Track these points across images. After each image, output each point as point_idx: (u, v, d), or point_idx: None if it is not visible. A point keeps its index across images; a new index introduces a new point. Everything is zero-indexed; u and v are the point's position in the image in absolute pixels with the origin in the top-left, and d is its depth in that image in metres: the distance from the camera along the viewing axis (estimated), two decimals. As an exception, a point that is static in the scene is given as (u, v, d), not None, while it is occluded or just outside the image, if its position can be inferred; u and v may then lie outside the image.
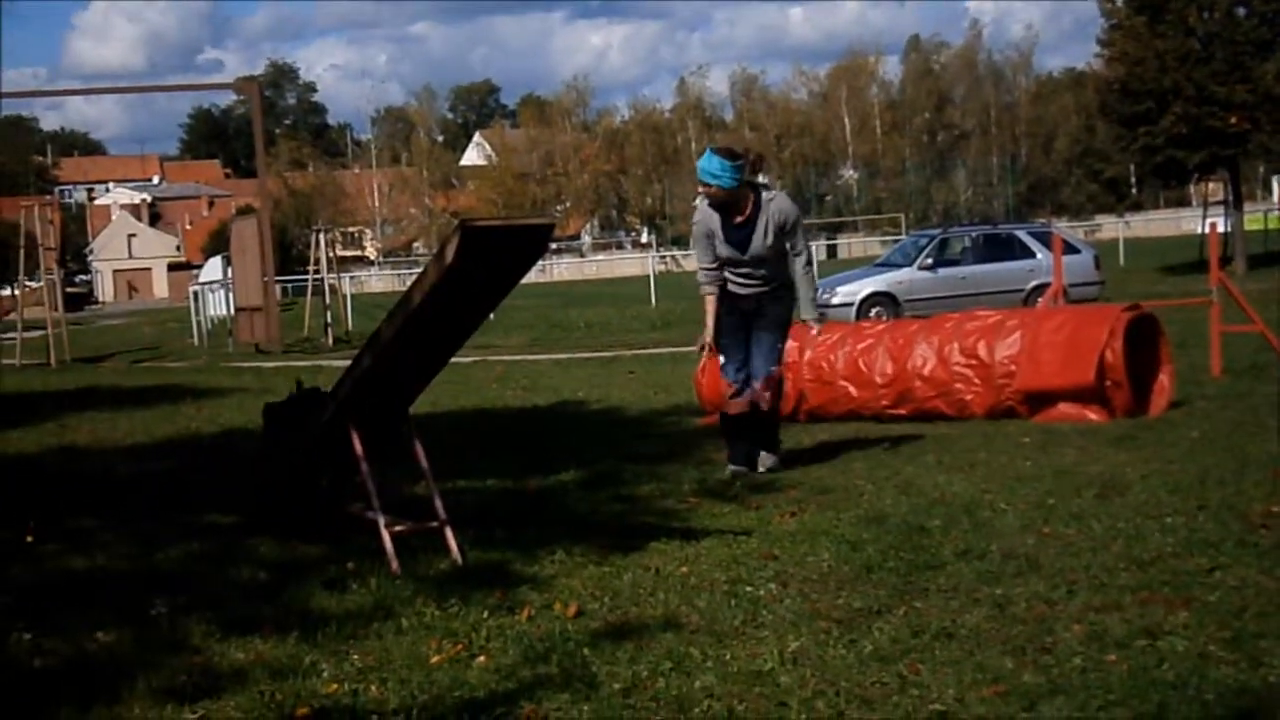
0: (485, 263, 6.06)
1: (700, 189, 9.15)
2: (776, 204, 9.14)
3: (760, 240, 9.04)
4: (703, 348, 9.50)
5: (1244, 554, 6.06)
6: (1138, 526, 6.75)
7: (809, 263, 9.36)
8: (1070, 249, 22.71)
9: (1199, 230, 37.43)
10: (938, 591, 5.83)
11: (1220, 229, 21.51)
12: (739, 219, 9.04)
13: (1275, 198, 65.31)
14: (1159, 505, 7.22)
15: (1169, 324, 11.77)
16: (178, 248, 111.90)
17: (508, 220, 7.66)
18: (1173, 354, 11.35)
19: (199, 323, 35.54)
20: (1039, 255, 24.50)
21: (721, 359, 9.37)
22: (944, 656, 4.93)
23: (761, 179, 9.66)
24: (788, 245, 9.16)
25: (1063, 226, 43.14)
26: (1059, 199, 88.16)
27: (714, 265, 9.18)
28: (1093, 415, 10.57)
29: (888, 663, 4.88)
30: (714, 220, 9.13)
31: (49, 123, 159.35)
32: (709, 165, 8.94)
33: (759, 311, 9.25)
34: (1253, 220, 43.45)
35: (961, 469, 8.82)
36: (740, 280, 9.21)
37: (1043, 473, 8.42)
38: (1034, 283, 24.00)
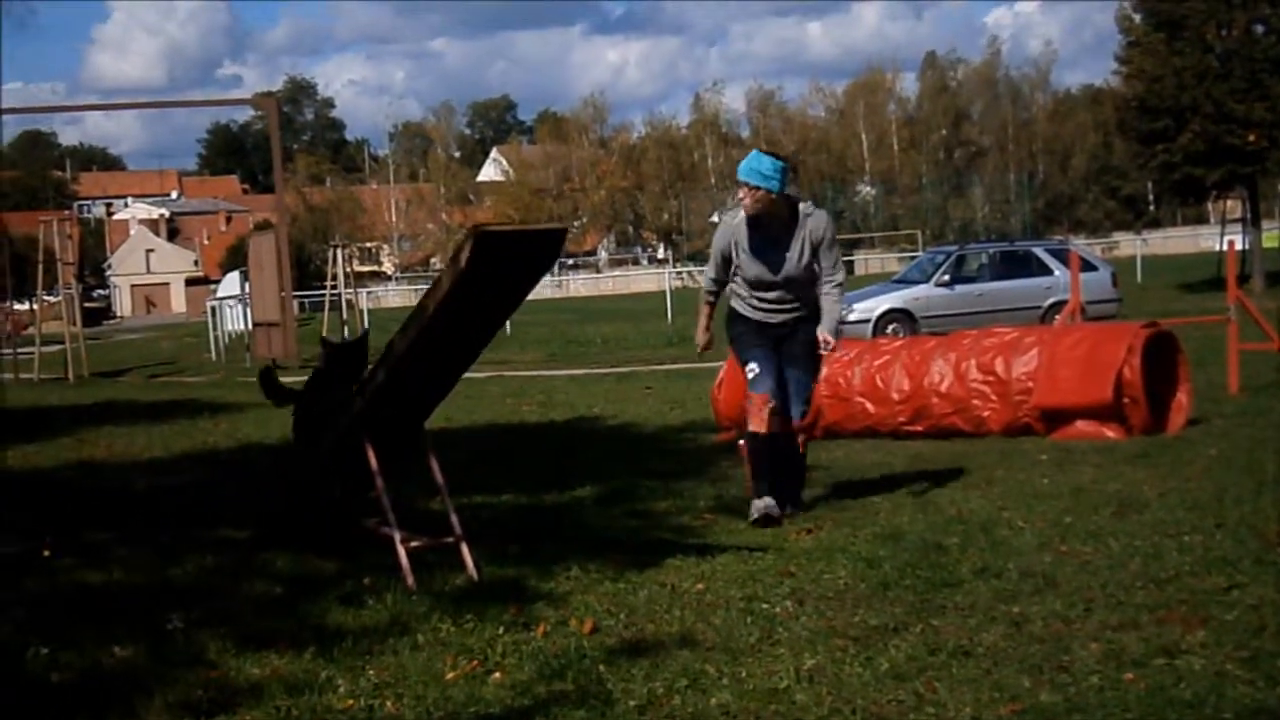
0: (499, 268, 6.09)
1: (742, 193, 8.03)
2: (815, 219, 8.12)
3: (795, 260, 8.07)
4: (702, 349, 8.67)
5: (1262, 572, 6.04)
6: (1155, 545, 6.72)
7: (840, 285, 8.28)
8: (1088, 266, 22.67)
9: (1217, 248, 37.39)
10: (955, 609, 5.81)
11: (1238, 246, 21.47)
12: (773, 234, 8.09)
13: (1293, 215, 65.12)
14: (1177, 523, 7.20)
15: (1187, 341, 11.75)
16: (196, 263, 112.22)
17: (521, 226, 7.64)
18: (1190, 372, 11.32)
19: (216, 338, 35.61)
20: (1056, 272, 24.45)
21: (751, 369, 8.23)
22: (961, 675, 4.92)
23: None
24: (820, 266, 8.19)
25: (1080, 243, 43.08)
26: (1076, 216, 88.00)
27: (719, 282, 8.44)
28: (1110, 433, 10.54)
29: (904, 680, 4.87)
30: (741, 233, 8.16)
31: (68, 137, 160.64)
32: (759, 165, 7.93)
33: (792, 335, 8.29)
34: (1270, 238, 43.37)
35: (979, 486, 8.81)
36: (769, 306, 8.25)
37: (1060, 490, 8.40)
38: (1051, 300, 23.96)
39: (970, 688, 4.76)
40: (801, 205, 8.12)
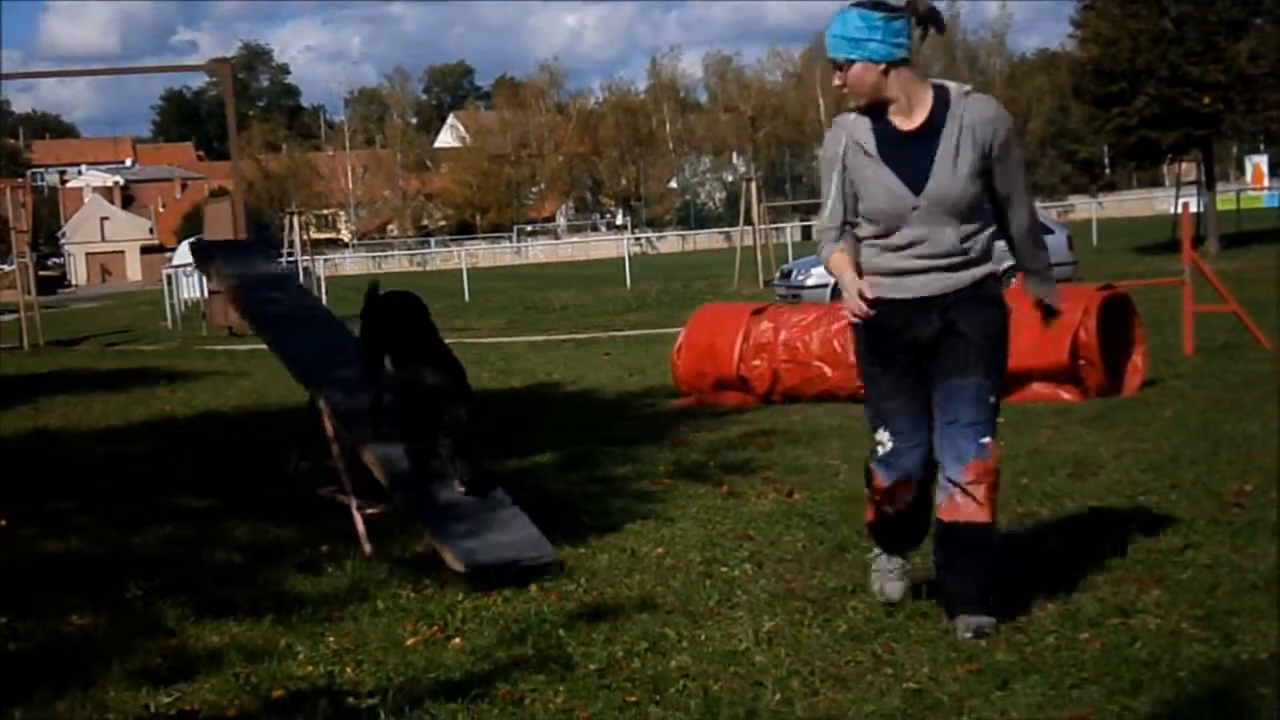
0: None
1: (836, 80, 5.14)
2: (977, 105, 5.06)
3: (948, 167, 4.98)
4: (859, 317, 5.08)
5: (1216, 532, 6.09)
6: (1111, 505, 6.78)
7: (1034, 214, 5.47)
8: (1043, 229, 22.70)
9: (1172, 210, 37.51)
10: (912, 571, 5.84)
11: (1193, 209, 21.56)
12: (908, 126, 5.05)
13: (1248, 178, 65.48)
14: (1132, 484, 7.25)
15: (1142, 304, 11.82)
16: (151, 230, 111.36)
17: None
18: (1146, 334, 11.38)
19: (172, 306, 35.42)
20: (1013, 236, 24.52)
21: (877, 434, 5.28)
22: (918, 635, 4.95)
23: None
24: (998, 187, 5.15)
25: (1036, 207, 43.14)
26: (1033, 180, 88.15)
27: (841, 227, 5.15)
28: (1066, 395, 10.60)
29: (862, 642, 4.90)
30: (861, 132, 5.08)
31: (21, 105, 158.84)
32: (844, 26, 5.00)
33: (949, 330, 5.07)
34: (1225, 200, 43.59)
35: (936, 449, 8.83)
36: (909, 263, 5.05)
37: (1017, 452, 8.44)
38: (1007, 263, 24.00)
39: (928, 648, 4.79)
40: (953, 87, 5.07)
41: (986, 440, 4.95)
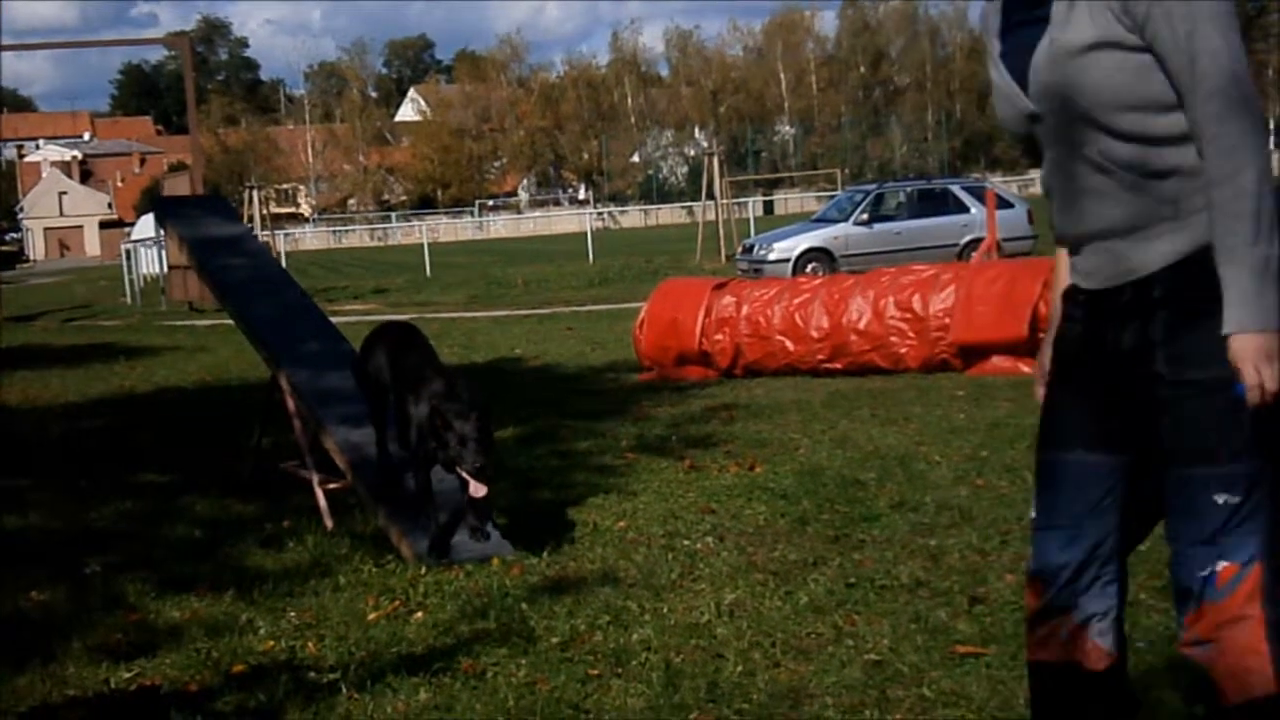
0: None
1: None
2: None
3: (1065, 49, 2.79)
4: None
5: (1174, 504, 6.13)
6: (1070, 478, 6.81)
7: (1246, 155, 2.66)
8: (1004, 203, 22.86)
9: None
10: (873, 543, 5.88)
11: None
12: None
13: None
14: (1091, 456, 7.29)
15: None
16: (109, 205, 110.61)
17: None
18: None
19: (131, 281, 35.16)
20: (973, 210, 24.58)
21: (1034, 512, 3.27)
22: (879, 607, 4.98)
23: None
24: (1182, 93, 2.71)
25: (997, 181, 43.34)
26: (993, 154, 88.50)
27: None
28: (1026, 368, 10.63)
29: (823, 614, 4.92)
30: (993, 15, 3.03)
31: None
32: None
33: (1149, 380, 2.83)
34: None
35: (896, 422, 8.88)
36: (1064, 227, 3.03)
37: (976, 425, 8.49)
38: (968, 237, 24.08)
39: (889, 620, 4.81)
40: None
41: (1223, 566, 2.82)
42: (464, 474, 5.83)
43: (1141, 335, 2.78)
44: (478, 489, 5.82)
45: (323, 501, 6.73)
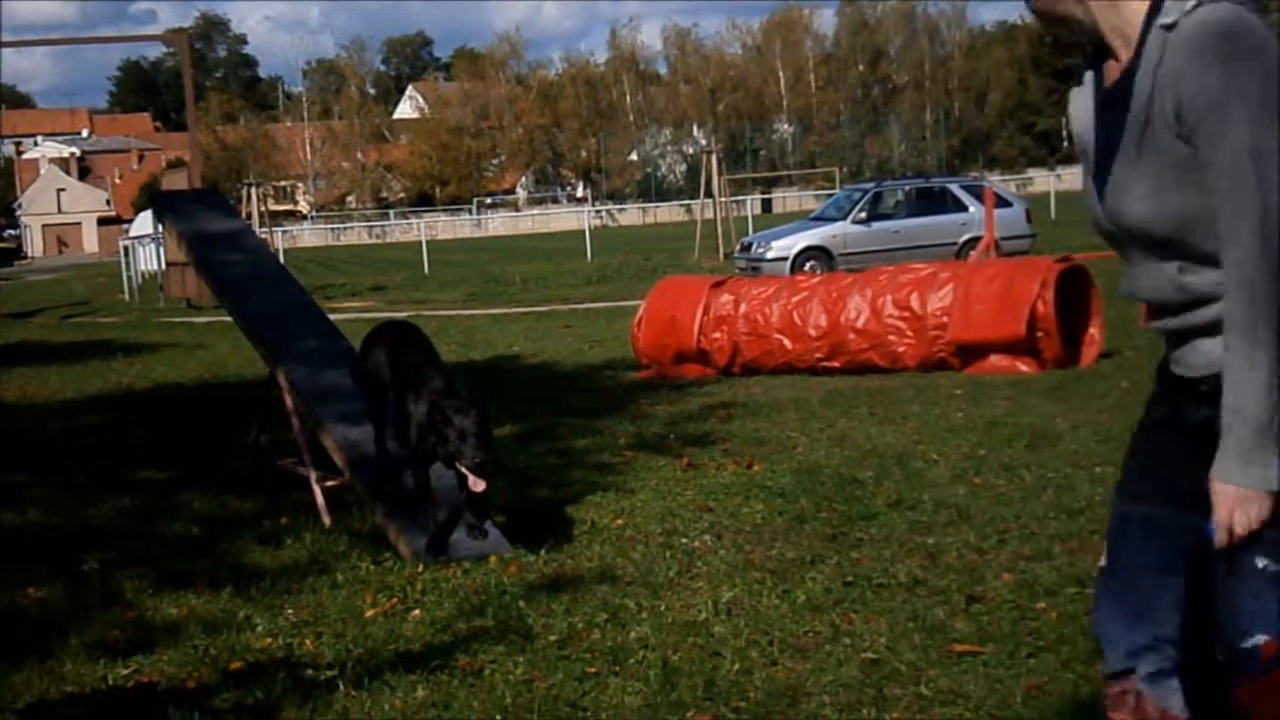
0: None
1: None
2: (1181, 41, 2.50)
3: (1128, 164, 2.74)
4: None
5: (1171, 503, 6.13)
6: (1067, 476, 6.82)
7: (1256, 242, 2.50)
8: (1002, 202, 22.88)
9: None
10: (870, 541, 5.88)
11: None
12: (1111, 77, 2.72)
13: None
14: (1089, 455, 7.30)
15: (1099, 276, 11.85)
16: (108, 202, 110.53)
17: None
18: (1103, 306, 11.44)
19: (130, 277, 35.13)
20: (971, 209, 24.58)
21: (1098, 588, 3.04)
22: (877, 605, 4.98)
23: None
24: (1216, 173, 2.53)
25: (995, 180, 43.35)
26: (991, 153, 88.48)
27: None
28: (1024, 366, 10.66)
29: (821, 612, 4.92)
30: (1081, 100, 2.82)
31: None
32: None
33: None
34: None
35: (894, 421, 8.88)
36: (1160, 323, 3.01)
37: (974, 424, 8.49)
38: (966, 236, 24.09)
39: (886, 618, 4.82)
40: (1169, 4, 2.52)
41: (1264, 640, 2.56)
42: (463, 469, 5.84)
43: (1213, 416, 2.66)
44: (477, 484, 5.83)
45: (320, 499, 6.73)
